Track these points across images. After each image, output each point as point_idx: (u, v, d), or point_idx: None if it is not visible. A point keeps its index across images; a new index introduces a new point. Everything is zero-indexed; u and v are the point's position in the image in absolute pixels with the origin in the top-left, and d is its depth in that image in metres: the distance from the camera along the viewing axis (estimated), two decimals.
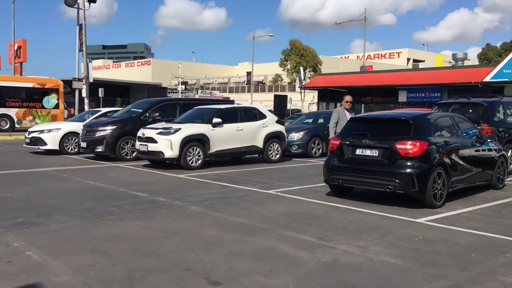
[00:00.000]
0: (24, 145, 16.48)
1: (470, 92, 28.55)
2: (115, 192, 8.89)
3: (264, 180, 10.61)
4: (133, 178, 10.74)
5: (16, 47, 41.37)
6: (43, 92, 29.05)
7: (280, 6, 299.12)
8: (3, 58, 47.21)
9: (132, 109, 15.56)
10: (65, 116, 45.84)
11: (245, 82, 76.87)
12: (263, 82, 78.95)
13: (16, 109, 27.95)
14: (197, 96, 55.71)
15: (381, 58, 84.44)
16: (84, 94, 26.24)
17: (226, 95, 73.71)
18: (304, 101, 42.10)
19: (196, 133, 12.36)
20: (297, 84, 43.74)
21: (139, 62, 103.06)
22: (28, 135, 16.10)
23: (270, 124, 14.03)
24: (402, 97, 32.49)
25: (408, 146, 7.42)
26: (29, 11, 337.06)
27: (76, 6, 24.98)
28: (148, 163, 13.32)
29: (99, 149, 13.90)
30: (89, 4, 24.71)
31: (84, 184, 9.87)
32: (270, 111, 14.80)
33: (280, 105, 36.12)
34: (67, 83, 50.09)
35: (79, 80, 25.72)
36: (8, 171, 11.71)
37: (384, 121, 8.24)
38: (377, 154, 7.70)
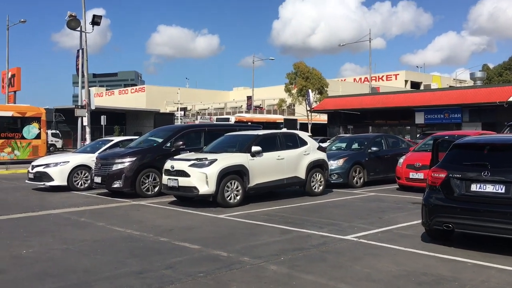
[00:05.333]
0: (26, 181, 14.57)
1: (494, 112, 27.32)
2: (156, 243, 7.07)
3: (326, 220, 8.84)
4: (167, 221, 8.92)
5: (10, 75, 39.60)
6: (23, 121, 26.82)
7: (271, 33, 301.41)
8: None
9: (151, 138, 13.83)
10: (59, 146, 44.10)
11: (243, 106, 75.50)
12: (261, 106, 77.59)
13: None
14: (197, 122, 54.10)
15: (378, 81, 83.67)
16: (85, 122, 24.39)
17: None
18: (310, 124, 40.69)
19: (234, 164, 10.61)
20: (306, 107, 42.34)
21: (133, 89, 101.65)
22: (32, 169, 14.20)
23: (312, 152, 12.31)
24: (419, 118, 31.04)
25: None
26: (22, 41, 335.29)
27: (78, 29, 23.36)
28: (174, 199, 11.52)
29: (117, 184, 12.07)
30: (93, 27, 23.13)
31: (112, 231, 8.04)
32: (310, 136, 13.06)
33: (290, 129, 34.49)
34: (62, 111, 48.50)
35: (82, 107, 23.88)
36: (13, 215, 9.82)
37: (506, 147, 6.55)
38: (504, 191, 6.00)
